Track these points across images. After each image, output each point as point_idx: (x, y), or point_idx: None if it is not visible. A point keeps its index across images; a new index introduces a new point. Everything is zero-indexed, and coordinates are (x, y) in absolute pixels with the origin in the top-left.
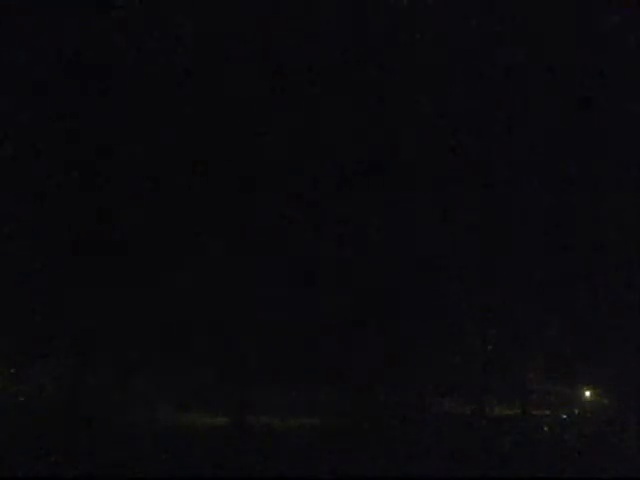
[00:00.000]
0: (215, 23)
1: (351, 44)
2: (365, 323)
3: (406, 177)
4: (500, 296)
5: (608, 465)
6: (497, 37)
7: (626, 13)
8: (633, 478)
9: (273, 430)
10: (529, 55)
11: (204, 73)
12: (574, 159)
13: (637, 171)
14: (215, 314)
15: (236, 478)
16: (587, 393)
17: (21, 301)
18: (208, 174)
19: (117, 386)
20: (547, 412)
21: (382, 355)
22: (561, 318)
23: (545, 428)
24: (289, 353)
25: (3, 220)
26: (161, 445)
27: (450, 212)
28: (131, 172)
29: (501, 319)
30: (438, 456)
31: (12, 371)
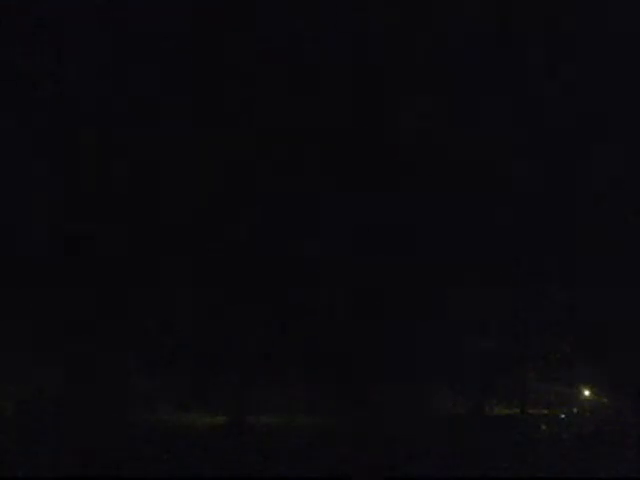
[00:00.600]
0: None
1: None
2: (365, 323)
3: (406, 177)
4: (501, 296)
5: (607, 465)
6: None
7: None
8: (633, 478)
9: (273, 430)
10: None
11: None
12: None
13: None
14: (215, 314)
15: (236, 478)
16: (586, 392)
17: (21, 301)
18: (207, 174)
19: (117, 386)
20: (546, 411)
21: (382, 355)
22: (561, 318)
23: (544, 427)
24: (289, 353)
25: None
26: (161, 445)
27: (448, 212)
28: (131, 171)
29: (501, 319)
30: (438, 456)
31: (11, 371)
